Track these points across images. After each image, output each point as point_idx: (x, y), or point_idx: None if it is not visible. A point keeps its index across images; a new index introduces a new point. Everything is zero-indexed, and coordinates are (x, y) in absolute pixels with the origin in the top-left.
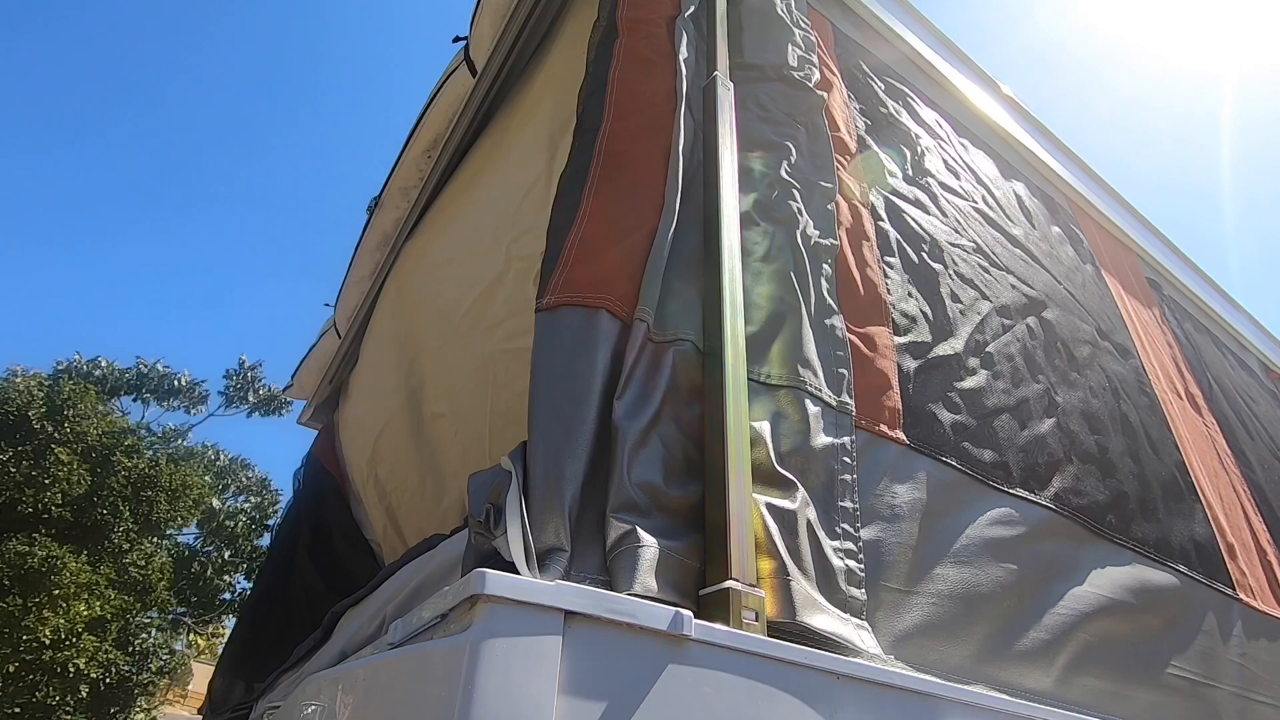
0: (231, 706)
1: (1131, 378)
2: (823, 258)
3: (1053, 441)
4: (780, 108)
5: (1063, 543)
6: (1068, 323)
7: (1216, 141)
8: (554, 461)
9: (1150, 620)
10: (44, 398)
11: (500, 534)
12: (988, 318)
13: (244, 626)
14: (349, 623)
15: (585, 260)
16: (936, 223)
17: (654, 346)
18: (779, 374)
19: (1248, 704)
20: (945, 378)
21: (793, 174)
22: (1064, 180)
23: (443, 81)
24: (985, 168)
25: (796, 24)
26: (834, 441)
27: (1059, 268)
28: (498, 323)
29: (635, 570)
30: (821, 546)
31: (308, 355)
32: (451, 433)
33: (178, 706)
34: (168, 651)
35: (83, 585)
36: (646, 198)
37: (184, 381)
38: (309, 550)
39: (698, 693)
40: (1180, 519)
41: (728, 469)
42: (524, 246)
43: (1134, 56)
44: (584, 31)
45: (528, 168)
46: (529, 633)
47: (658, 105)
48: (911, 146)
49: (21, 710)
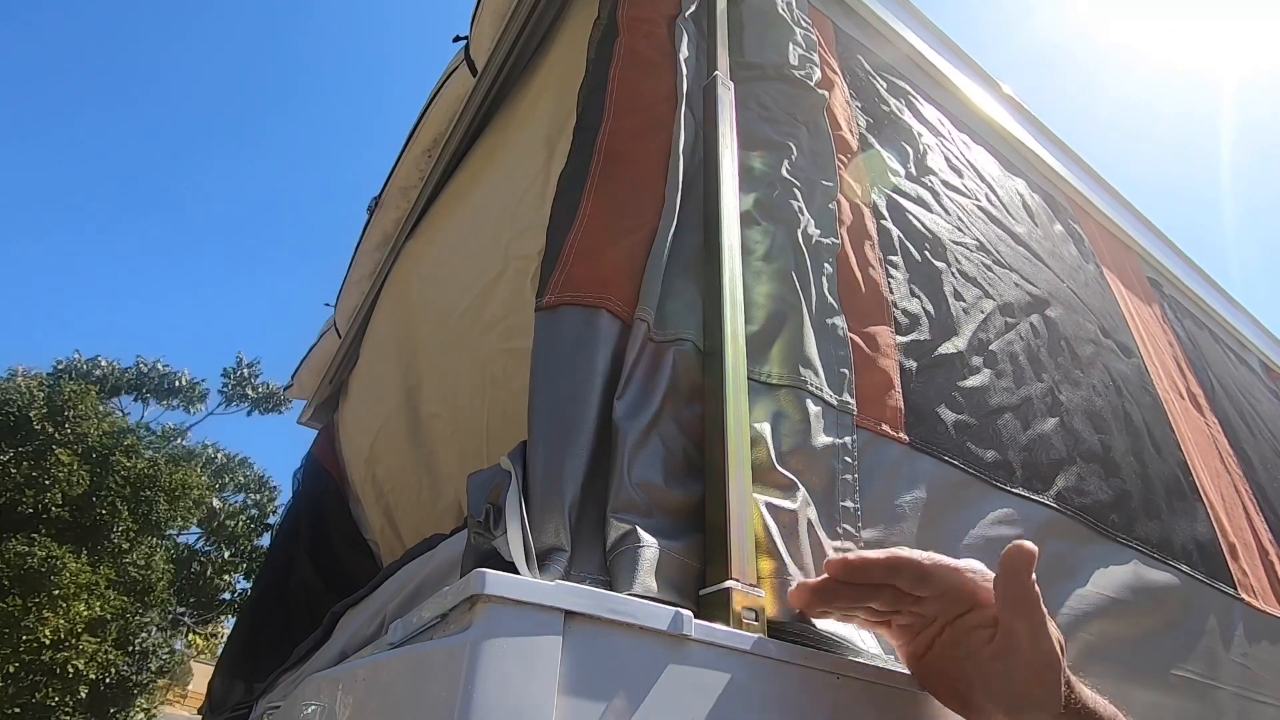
0: (231, 706)
1: (1134, 377)
2: (824, 257)
3: (1056, 440)
4: (781, 107)
5: (1065, 542)
6: (1071, 321)
7: (1216, 145)
8: (554, 461)
9: (1152, 620)
10: (44, 398)
11: (500, 534)
12: (991, 316)
13: (243, 626)
14: (349, 623)
15: (585, 260)
16: (939, 221)
17: (654, 346)
18: (780, 373)
19: (1249, 704)
20: (948, 377)
21: (794, 173)
22: (1065, 179)
23: (443, 81)
24: (987, 166)
25: (797, 23)
26: (835, 441)
27: (1062, 266)
28: (496, 322)
29: (635, 570)
30: (822, 546)
31: (308, 355)
32: (449, 432)
33: (177, 706)
34: (167, 651)
35: (82, 585)
36: (647, 197)
37: (184, 381)
38: (308, 550)
39: (698, 693)
40: (1182, 518)
41: (728, 469)
42: (522, 246)
43: (1133, 59)
44: (584, 31)
45: (526, 167)
46: (529, 633)
47: (658, 104)
48: (913, 144)
49: (21, 710)
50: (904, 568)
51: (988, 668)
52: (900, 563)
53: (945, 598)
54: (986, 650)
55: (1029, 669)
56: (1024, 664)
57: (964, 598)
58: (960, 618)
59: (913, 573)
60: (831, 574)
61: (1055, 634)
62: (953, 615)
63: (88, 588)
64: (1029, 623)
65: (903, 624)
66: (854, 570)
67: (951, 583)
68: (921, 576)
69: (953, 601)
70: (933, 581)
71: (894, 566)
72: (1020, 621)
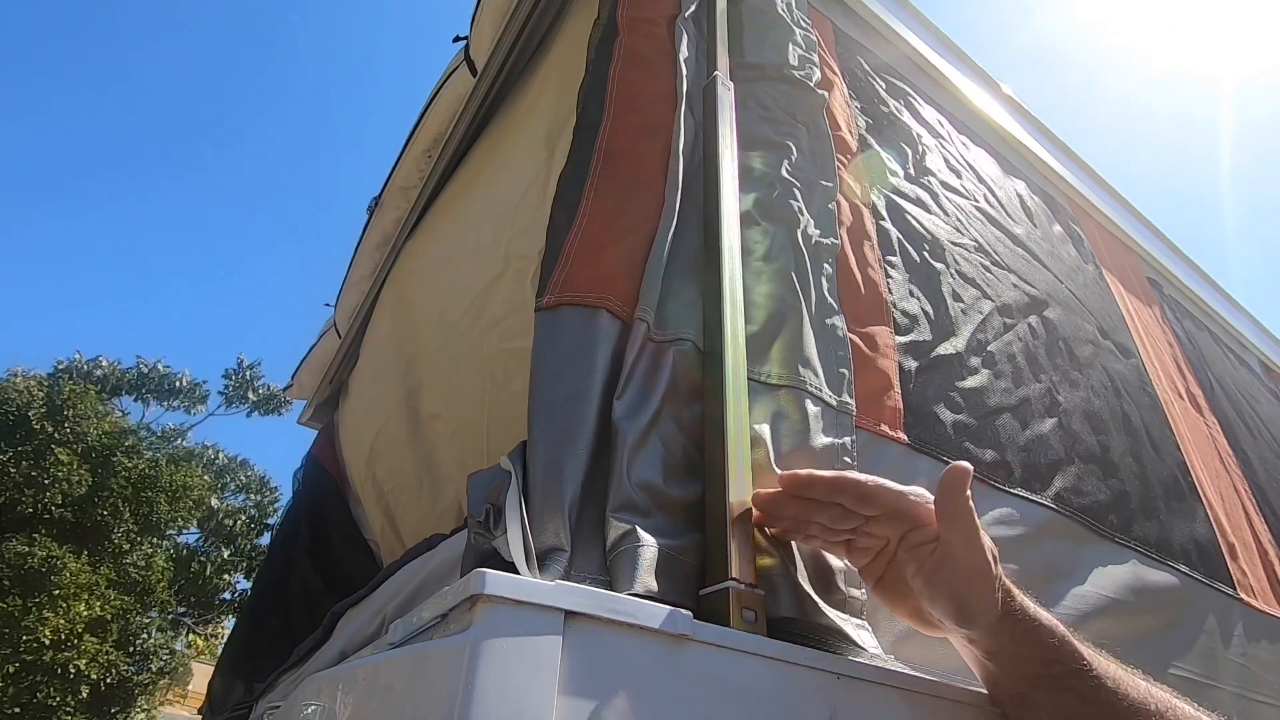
0: (231, 706)
1: (1133, 377)
2: (823, 257)
3: (1054, 441)
4: (781, 107)
5: (1064, 542)
6: (1070, 322)
7: (1216, 147)
8: (554, 461)
9: (1151, 620)
10: (44, 398)
11: (500, 534)
12: (989, 317)
13: (243, 626)
14: (349, 623)
15: (585, 260)
16: (938, 221)
17: (654, 346)
18: (779, 374)
19: (1248, 704)
20: (947, 377)
21: (793, 173)
22: (1064, 180)
23: (443, 81)
24: (986, 166)
25: (797, 23)
26: (834, 441)
27: (1060, 266)
28: (496, 322)
29: (635, 570)
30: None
31: (308, 355)
32: (448, 432)
33: (178, 706)
34: (168, 652)
35: (83, 586)
36: (647, 197)
37: (185, 381)
38: (308, 550)
39: (697, 693)
40: (1181, 519)
41: (728, 469)
42: (522, 245)
43: (1132, 60)
44: (584, 31)
45: (526, 167)
46: (529, 633)
47: (658, 104)
48: (913, 145)
49: (21, 711)
50: (848, 487)
51: (932, 580)
52: (844, 482)
53: (891, 518)
54: (929, 563)
55: (965, 575)
56: (961, 571)
57: (907, 517)
58: (906, 536)
59: (855, 492)
60: (784, 487)
61: (988, 544)
62: (899, 534)
63: (88, 588)
64: (963, 533)
65: (861, 546)
66: (802, 485)
67: (894, 504)
68: (863, 496)
69: (898, 521)
70: (875, 501)
71: (838, 485)
72: (955, 533)
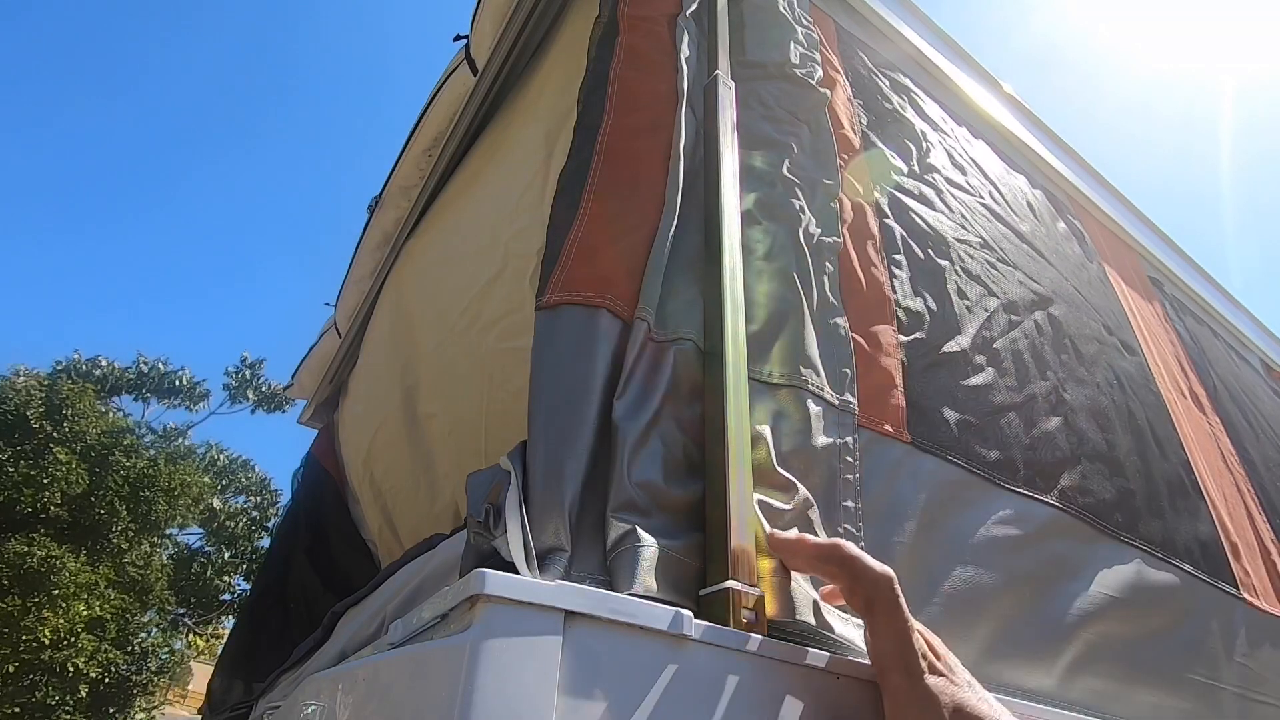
0: (231, 706)
1: (1137, 375)
2: (825, 255)
3: (1060, 439)
4: (783, 105)
5: (1068, 541)
6: (1075, 319)
7: (1216, 147)
8: (554, 461)
9: (1153, 620)
10: (42, 397)
11: (500, 534)
12: (995, 314)
13: (243, 627)
14: (349, 623)
15: (586, 259)
16: (943, 218)
17: (654, 346)
18: (781, 373)
19: (1250, 704)
20: (951, 375)
21: (795, 172)
22: (1065, 178)
23: (443, 81)
24: (990, 163)
25: (799, 21)
26: (836, 441)
27: (1065, 264)
28: (495, 321)
29: (635, 570)
30: None
31: (308, 355)
32: (447, 432)
33: (177, 706)
34: (167, 651)
35: (82, 585)
36: (647, 196)
37: (185, 380)
38: (308, 550)
39: (698, 693)
40: (1185, 518)
41: (728, 469)
42: (522, 244)
43: (1132, 61)
44: (584, 30)
45: (526, 166)
46: (529, 633)
47: (659, 103)
48: (916, 142)
49: (21, 710)
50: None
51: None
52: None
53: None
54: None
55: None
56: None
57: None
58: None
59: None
60: (772, 548)
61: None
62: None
63: (87, 587)
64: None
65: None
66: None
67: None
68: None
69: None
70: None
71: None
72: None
